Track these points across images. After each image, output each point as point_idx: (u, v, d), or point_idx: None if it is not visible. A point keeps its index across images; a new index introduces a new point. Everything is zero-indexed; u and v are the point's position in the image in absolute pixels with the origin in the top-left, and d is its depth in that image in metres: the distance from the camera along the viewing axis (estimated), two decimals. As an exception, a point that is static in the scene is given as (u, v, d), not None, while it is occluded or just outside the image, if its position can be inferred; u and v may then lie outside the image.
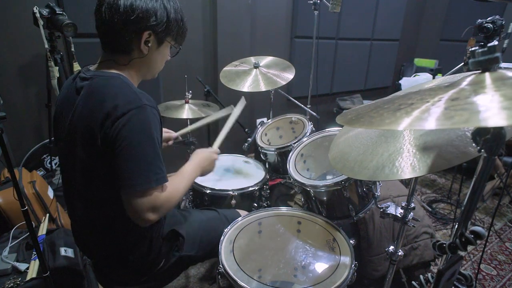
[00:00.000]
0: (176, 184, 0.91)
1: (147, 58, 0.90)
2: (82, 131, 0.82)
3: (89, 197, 0.89)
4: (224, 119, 1.37)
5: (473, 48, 0.51)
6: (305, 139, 1.46)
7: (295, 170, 1.31)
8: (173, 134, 1.36)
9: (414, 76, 3.40)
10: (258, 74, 1.86)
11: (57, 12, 1.67)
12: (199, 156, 1.09)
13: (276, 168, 1.67)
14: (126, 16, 0.81)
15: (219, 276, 0.95)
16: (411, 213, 0.98)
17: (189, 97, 1.92)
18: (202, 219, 1.16)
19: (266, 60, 1.99)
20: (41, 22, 1.65)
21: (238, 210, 1.29)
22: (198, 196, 1.48)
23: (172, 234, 1.05)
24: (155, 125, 0.81)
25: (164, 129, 1.35)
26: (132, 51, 0.88)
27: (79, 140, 0.83)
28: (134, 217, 0.80)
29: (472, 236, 0.58)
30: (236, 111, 1.36)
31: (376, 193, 1.20)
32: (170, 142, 1.35)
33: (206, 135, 2.41)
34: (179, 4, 0.91)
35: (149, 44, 0.87)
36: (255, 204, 1.51)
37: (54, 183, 2.00)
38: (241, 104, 1.39)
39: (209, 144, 2.38)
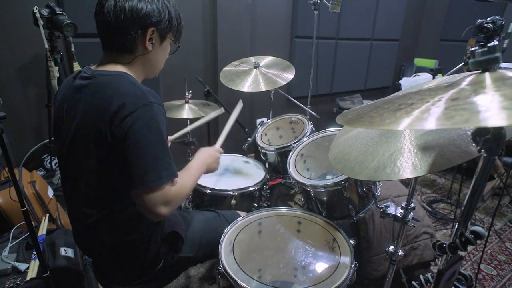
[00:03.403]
0: (185, 179, 0.93)
1: (151, 55, 0.92)
2: (89, 131, 0.82)
3: (91, 196, 0.89)
4: (225, 120, 1.39)
5: (473, 48, 0.51)
6: (305, 139, 1.46)
7: (295, 170, 1.31)
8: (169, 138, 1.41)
9: (414, 76, 3.40)
10: (258, 74, 1.86)
11: (57, 12, 1.67)
12: (204, 153, 1.13)
13: (276, 168, 1.67)
14: (131, 14, 0.83)
15: (219, 276, 0.95)
16: (411, 213, 0.98)
17: (189, 97, 1.92)
18: (202, 220, 1.16)
19: (266, 60, 1.99)
20: (41, 22, 1.65)
21: (238, 212, 1.29)
22: (198, 196, 1.48)
23: (172, 235, 1.05)
24: (162, 122, 0.83)
25: None
26: (136, 49, 0.89)
27: (86, 140, 0.83)
28: (147, 212, 0.82)
29: (472, 236, 0.58)
30: (233, 115, 1.42)
31: (376, 193, 1.20)
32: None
33: (206, 135, 2.41)
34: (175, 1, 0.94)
35: (153, 41, 0.89)
36: (255, 204, 1.50)
37: (54, 183, 2.00)
38: (239, 106, 1.45)
39: (209, 144, 2.39)
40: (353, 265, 0.94)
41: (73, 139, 0.87)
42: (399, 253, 1.02)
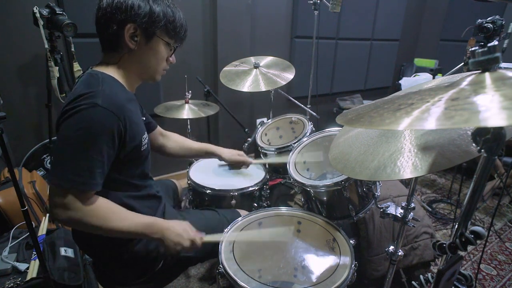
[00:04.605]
0: (114, 213, 0.85)
1: (137, 54, 0.90)
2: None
3: None
4: (226, 121, 1.38)
5: (473, 48, 0.51)
6: (305, 139, 1.46)
7: (295, 170, 1.31)
8: (250, 160, 1.48)
9: (414, 76, 3.40)
10: (258, 74, 1.86)
11: (57, 12, 1.67)
12: (176, 226, 0.94)
13: (276, 168, 1.67)
14: (106, 10, 0.84)
15: (219, 276, 0.95)
16: (411, 213, 0.98)
17: (189, 97, 1.92)
18: (202, 220, 1.16)
19: (266, 60, 1.99)
20: (41, 22, 1.65)
21: (239, 210, 1.29)
22: (198, 196, 1.48)
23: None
24: (100, 129, 0.78)
25: (238, 152, 1.46)
26: (121, 48, 0.89)
27: None
28: (49, 206, 0.81)
29: (472, 236, 0.58)
30: None
31: (376, 193, 1.20)
32: (244, 167, 1.50)
33: (206, 135, 2.41)
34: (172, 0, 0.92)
35: (136, 39, 0.87)
36: (255, 204, 1.51)
37: (54, 183, 2.00)
38: None
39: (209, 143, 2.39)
40: (353, 265, 0.94)
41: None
42: (399, 253, 1.02)
